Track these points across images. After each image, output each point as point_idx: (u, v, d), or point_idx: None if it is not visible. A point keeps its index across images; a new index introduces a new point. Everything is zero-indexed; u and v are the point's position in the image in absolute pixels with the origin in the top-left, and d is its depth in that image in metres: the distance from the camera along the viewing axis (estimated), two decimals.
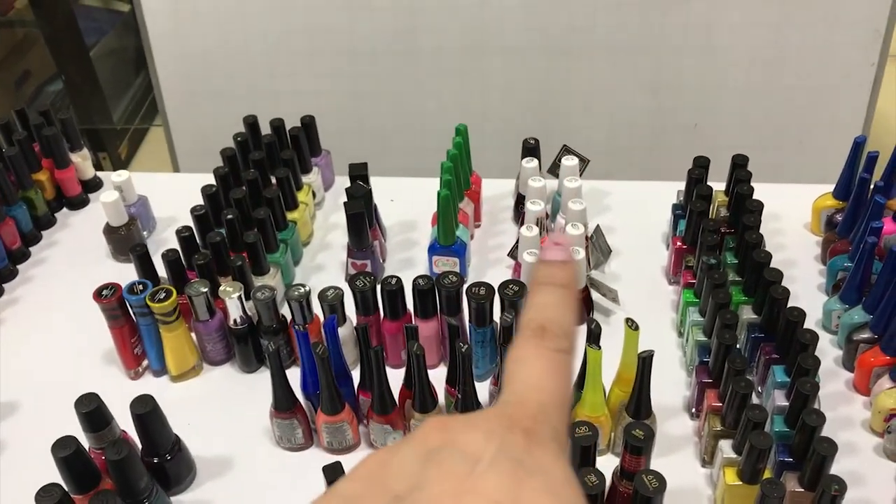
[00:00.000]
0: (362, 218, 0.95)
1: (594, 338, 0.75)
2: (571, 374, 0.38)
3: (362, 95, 1.77)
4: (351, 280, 0.86)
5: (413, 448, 0.33)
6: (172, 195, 1.14)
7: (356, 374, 0.84)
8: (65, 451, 0.71)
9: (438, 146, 1.24)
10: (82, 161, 1.15)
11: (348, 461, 0.70)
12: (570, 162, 0.99)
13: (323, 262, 1.05)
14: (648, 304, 0.94)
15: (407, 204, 1.12)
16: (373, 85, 1.76)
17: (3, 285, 1.04)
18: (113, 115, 2.73)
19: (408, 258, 1.04)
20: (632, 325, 0.74)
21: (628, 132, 1.75)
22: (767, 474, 0.72)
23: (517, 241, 0.98)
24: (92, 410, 0.75)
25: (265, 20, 1.70)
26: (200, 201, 0.98)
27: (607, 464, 0.76)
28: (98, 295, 0.86)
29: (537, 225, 0.92)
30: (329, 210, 1.13)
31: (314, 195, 1.10)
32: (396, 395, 0.80)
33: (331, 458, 0.81)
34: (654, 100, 1.73)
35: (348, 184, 1.00)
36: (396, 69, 1.72)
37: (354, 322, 0.89)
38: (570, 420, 0.38)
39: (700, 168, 0.97)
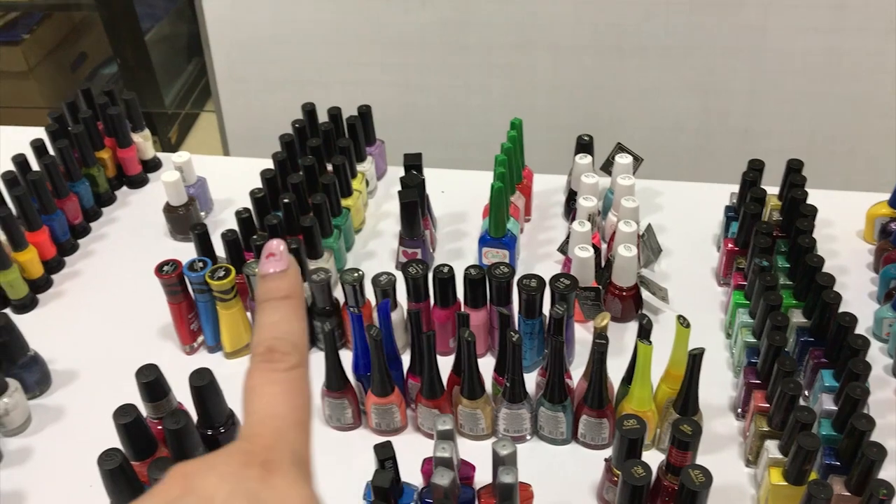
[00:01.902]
0: (416, 207, 0.97)
1: (645, 333, 0.75)
2: (307, 388, 0.38)
3: (411, 88, 1.79)
4: (404, 267, 0.87)
5: (155, 502, 0.34)
6: (228, 178, 1.17)
7: (405, 359, 0.86)
8: (126, 418, 0.73)
9: (484, 141, 1.26)
10: (143, 141, 1.18)
11: (395, 443, 0.71)
12: (623, 160, 1.00)
13: (374, 249, 1.07)
14: (697, 304, 0.95)
15: (456, 196, 1.13)
16: (422, 78, 1.77)
17: (65, 259, 1.07)
18: (165, 99, 2.78)
19: (457, 248, 1.06)
20: (683, 322, 0.75)
21: (676, 134, 1.75)
22: (812, 476, 0.72)
23: (568, 237, 0.99)
24: (152, 381, 0.77)
25: (319, 9, 1.72)
26: (253, 185, 1.00)
27: (651, 460, 0.76)
28: (159, 270, 0.88)
29: (589, 220, 0.93)
30: (381, 199, 1.15)
31: (367, 183, 1.12)
32: (444, 382, 0.82)
33: (378, 439, 0.83)
34: (703, 102, 1.72)
35: (400, 173, 1.01)
36: (446, 63, 1.74)
37: (405, 308, 0.91)
38: (309, 436, 0.38)
39: (754, 171, 0.97)
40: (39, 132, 1.13)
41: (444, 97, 1.78)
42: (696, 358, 0.73)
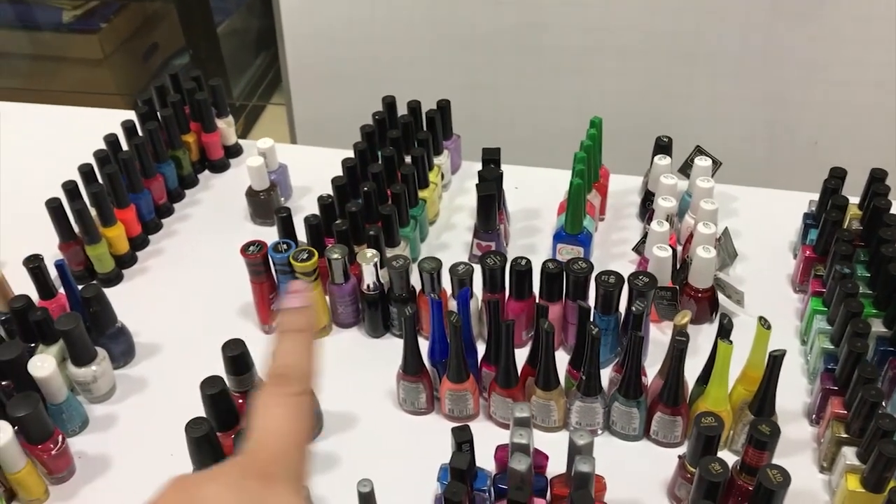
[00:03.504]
0: (493, 200, 0.98)
1: (726, 333, 0.76)
2: (311, 415, 0.43)
3: (480, 87, 1.80)
4: (482, 258, 0.89)
5: None
6: (305, 167, 1.19)
7: (479, 349, 0.87)
8: (213, 388, 0.76)
9: (551, 142, 1.27)
10: (227, 127, 1.21)
11: None
12: (703, 162, 1.00)
13: (447, 241, 1.09)
14: (771, 309, 0.94)
15: (529, 193, 1.14)
16: (492, 78, 1.79)
17: (149, 237, 1.11)
18: (233, 91, 2.84)
19: (530, 244, 1.07)
20: (764, 323, 0.75)
21: (745, 143, 1.74)
22: (892, 484, 0.71)
23: (643, 236, 0.99)
24: (238, 355, 0.80)
25: (393, 6, 1.75)
26: (329, 175, 1.02)
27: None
28: (245, 250, 0.91)
29: (667, 221, 0.93)
30: (455, 192, 1.17)
31: (443, 176, 1.14)
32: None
33: (450, 425, 0.84)
34: (773, 113, 1.71)
35: (473, 169, 1.03)
36: (516, 64, 1.75)
37: (479, 299, 0.92)
38: (307, 460, 0.42)
39: (836, 178, 0.96)
40: (123, 115, 1.16)
41: (512, 98, 1.80)
42: (776, 359, 0.73)
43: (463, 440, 0.71)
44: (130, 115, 1.15)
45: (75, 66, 2.70)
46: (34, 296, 0.91)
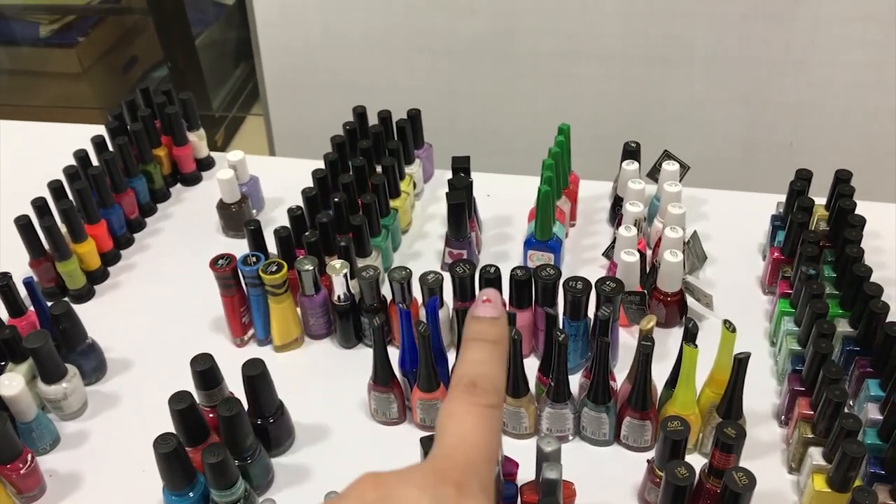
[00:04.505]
0: (463, 208, 0.99)
1: (691, 336, 0.76)
2: (500, 429, 0.40)
3: (457, 94, 1.81)
4: (451, 266, 0.89)
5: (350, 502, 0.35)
6: (277, 178, 1.20)
7: (451, 357, 0.87)
8: (181, 404, 0.76)
9: (529, 148, 1.27)
10: (198, 140, 1.21)
11: None
12: (671, 167, 1.01)
13: (420, 250, 1.09)
14: (741, 311, 0.95)
15: (501, 200, 1.15)
16: (468, 85, 1.79)
17: (121, 252, 1.10)
18: (212, 102, 2.84)
19: (502, 251, 1.07)
20: (729, 326, 0.75)
21: (721, 145, 1.75)
22: (857, 483, 0.72)
23: (613, 241, 0.99)
24: (206, 369, 0.80)
25: (369, 17, 1.76)
26: (302, 186, 1.02)
27: (693, 464, 0.77)
28: (214, 264, 0.91)
29: (635, 226, 0.94)
30: (427, 201, 1.17)
31: (415, 185, 1.14)
32: None
33: (421, 434, 0.85)
34: (749, 114, 1.72)
35: (446, 178, 1.03)
36: (492, 71, 1.76)
37: (450, 307, 0.93)
38: (497, 472, 0.40)
39: (802, 180, 0.97)
40: (98, 129, 1.16)
41: (489, 105, 1.80)
42: (741, 362, 0.74)
43: (429, 449, 0.71)
44: (103, 130, 1.15)
45: (54, 81, 2.69)
46: (3, 314, 0.91)
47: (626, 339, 0.93)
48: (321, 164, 1.07)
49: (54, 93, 2.73)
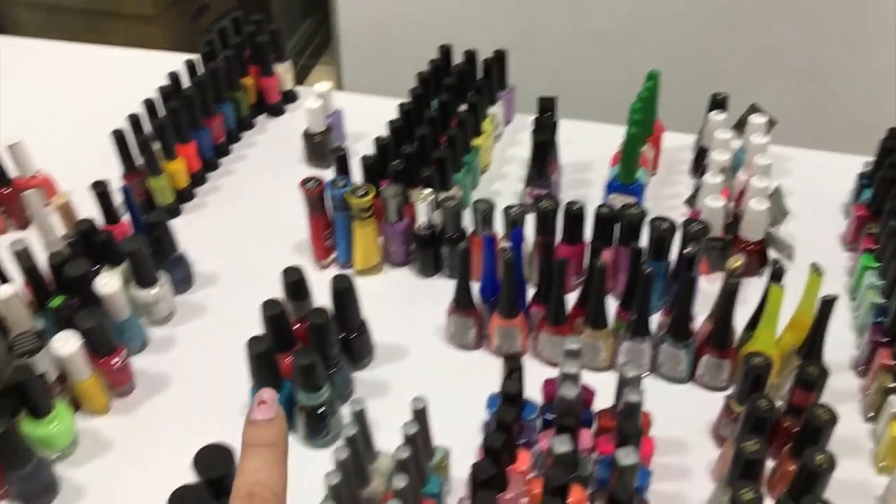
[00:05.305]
0: (547, 147, 0.99)
1: (777, 276, 0.76)
2: None
3: (534, 44, 1.80)
4: (535, 200, 0.90)
5: None
6: (356, 116, 1.21)
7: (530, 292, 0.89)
8: (273, 310, 0.78)
9: (606, 98, 1.28)
10: (284, 72, 1.24)
11: None
12: (758, 120, 1.00)
13: (498, 190, 1.10)
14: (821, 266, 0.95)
15: (582, 147, 1.15)
16: (546, 34, 1.79)
17: (207, 175, 1.13)
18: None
19: (581, 195, 1.07)
20: (817, 270, 0.76)
21: (807, 102, 1.72)
22: None
23: (696, 190, 1.00)
24: (297, 280, 0.82)
25: None
26: (380, 124, 1.03)
27: None
28: (303, 185, 0.93)
29: (721, 173, 0.94)
30: (506, 144, 1.18)
31: (496, 126, 1.15)
32: None
33: (496, 361, 0.86)
34: (830, 73, 1.68)
35: (526, 121, 1.04)
36: (571, 20, 1.75)
37: (530, 243, 0.94)
38: None
39: (893, 139, 0.96)
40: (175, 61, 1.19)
41: (567, 54, 1.79)
42: (828, 303, 0.74)
43: (514, 368, 0.73)
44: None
45: (127, 23, 2.73)
46: (99, 222, 0.94)
47: (704, 286, 0.93)
48: (396, 104, 1.08)
49: (126, 35, 2.77)
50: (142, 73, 1.20)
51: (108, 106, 1.15)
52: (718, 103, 1.04)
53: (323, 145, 1.12)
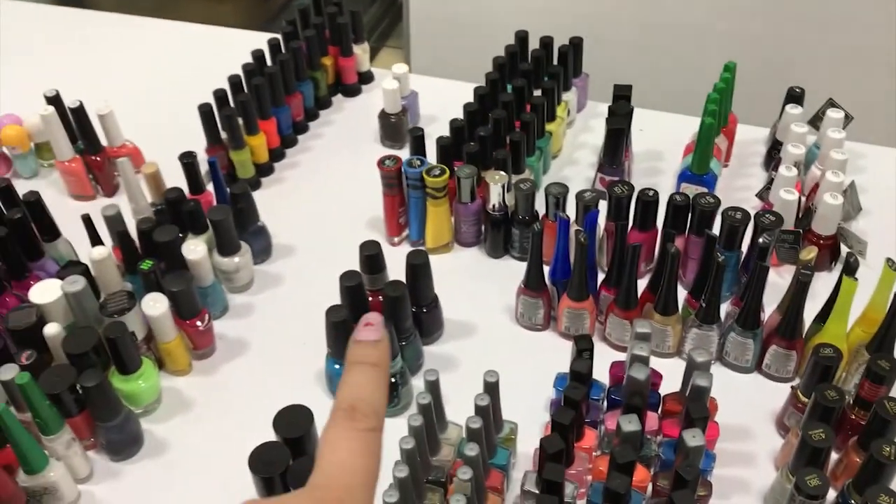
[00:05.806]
0: (621, 134, 1.00)
1: (851, 270, 0.77)
2: (380, 452, 0.40)
3: (606, 34, 1.79)
4: (609, 186, 0.91)
5: None
6: (429, 99, 1.23)
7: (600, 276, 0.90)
8: (351, 281, 0.81)
9: (680, 89, 1.28)
10: (362, 53, 1.26)
11: None
12: (835, 114, 1.00)
13: (568, 176, 1.12)
14: None
15: (654, 136, 1.16)
16: (616, 26, 1.78)
17: (286, 151, 1.17)
18: None
19: (652, 184, 1.08)
20: (892, 264, 0.76)
21: (882, 99, 1.68)
22: None
23: (768, 182, 1.00)
24: (374, 254, 0.85)
25: None
26: (452, 108, 1.05)
27: None
28: (381, 163, 0.96)
29: (795, 167, 0.94)
30: (578, 130, 1.19)
31: (569, 112, 1.16)
32: None
33: (563, 342, 0.88)
34: None
35: (599, 108, 1.05)
36: (642, 10, 1.74)
37: (602, 228, 0.95)
38: (373, 500, 0.40)
39: None
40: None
41: (639, 43, 1.78)
42: None
43: (584, 347, 0.75)
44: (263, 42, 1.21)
45: (199, 1, 2.80)
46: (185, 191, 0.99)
47: (773, 279, 0.93)
48: (468, 89, 1.10)
49: (197, 13, 2.84)
50: (220, 49, 1.24)
51: (188, 81, 1.20)
52: (795, 97, 1.04)
53: (398, 126, 1.15)
